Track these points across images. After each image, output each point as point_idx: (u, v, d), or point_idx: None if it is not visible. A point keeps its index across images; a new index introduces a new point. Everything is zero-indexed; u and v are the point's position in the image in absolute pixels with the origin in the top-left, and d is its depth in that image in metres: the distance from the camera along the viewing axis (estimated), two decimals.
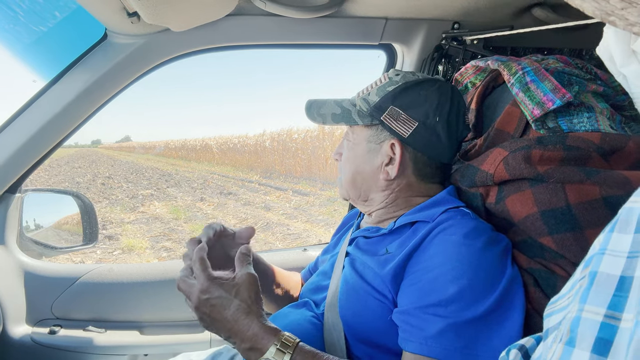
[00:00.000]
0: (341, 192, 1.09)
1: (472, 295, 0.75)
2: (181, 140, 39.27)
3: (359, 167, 1.02)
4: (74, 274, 1.39)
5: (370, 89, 1.02)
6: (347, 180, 1.04)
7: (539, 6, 1.23)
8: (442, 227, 0.84)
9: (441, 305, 0.76)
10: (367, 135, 1.00)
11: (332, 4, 1.21)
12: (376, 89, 1.00)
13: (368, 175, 1.01)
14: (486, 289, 0.77)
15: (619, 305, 0.35)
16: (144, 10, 1.03)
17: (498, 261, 0.82)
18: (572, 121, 0.93)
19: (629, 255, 0.36)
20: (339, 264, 0.99)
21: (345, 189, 1.06)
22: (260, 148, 22.19)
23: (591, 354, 0.34)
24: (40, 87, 1.25)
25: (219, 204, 10.84)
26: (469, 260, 0.78)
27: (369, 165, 1.00)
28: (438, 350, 0.73)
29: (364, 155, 1.01)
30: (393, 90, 0.98)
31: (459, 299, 0.75)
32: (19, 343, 1.29)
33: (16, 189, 1.34)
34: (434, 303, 0.76)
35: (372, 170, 1.00)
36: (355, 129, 1.03)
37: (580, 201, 0.78)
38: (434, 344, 0.73)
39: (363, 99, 1.01)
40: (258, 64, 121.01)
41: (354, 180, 1.03)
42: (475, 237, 0.82)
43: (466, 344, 0.72)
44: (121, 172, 20.62)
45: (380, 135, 0.99)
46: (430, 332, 0.74)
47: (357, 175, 1.02)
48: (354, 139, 1.03)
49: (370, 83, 1.05)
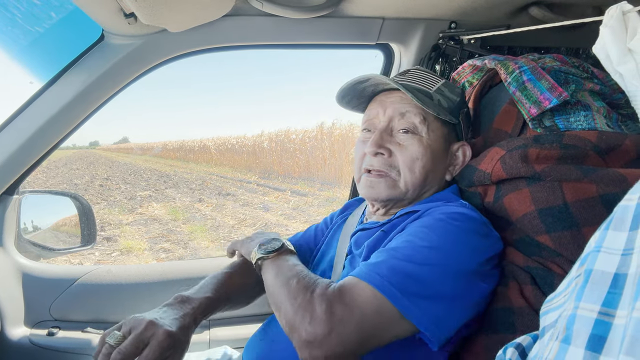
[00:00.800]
0: (391, 192, 0.96)
1: (427, 257, 0.76)
2: (179, 141, 39.18)
3: (435, 166, 0.96)
4: (72, 275, 1.39)
5: (438, 84, 1.00)
6: (418, 178, 0.94)
7: (536, 5, 1.23)
8: (433, 209, 0.86)
9: (393, 250, 0.78)
10: (445, 133, 0.98)
11: (329, 4, 1.21)
12: (444, 85, 1.01)
13: (440, 173, 0.99)
14: (449, 265, 0.77)
15: (613, 302, 0.35)
16: (141, 11, 1.03)
17: (480, 250, 0.82)
18: (569, 120, 0.93)
19: (623, 253, 0.37)
20: (338, 264, 0.99)
21: (407, 187, 0.95)
22: (258, 149, 22.16)
23: (585, 350, 0.35)
24: (37, 89, 1.24)
25: (218, 205, 10.82)
26: (442, 234, 0.79)
27: (442, 164, 0.99)
28: (365, 271, 0.75)
29: (440, 152, 0.97)
30: (462, 92, 1.02)
31: (411, 251, 0.76)
32: (18, 345, 1.29)
33: (14, 190, 1.34)
34: (390, 248, 0.79)
35: (443, 169, 1.00)
36: (431, 124, 0.95)
37: (577, 199, 0.78)
38: (364, 267, 0.76)
39: (441, 94, 0.99)
40: (255, 64, 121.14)
41: (426, 178, 0.95)
42: (462, 220, 0.82)
43: (391, 281, 0.72)
44: (119, 174, 20.57)
45: (452, 135, 1.00)
46: (371, 261, 0.77)
47: (430, 174, 0.96)
48: (429, 135, 0.95)
49: (426, 75, 1.03)
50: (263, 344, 0.90)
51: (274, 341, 0.89)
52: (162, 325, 0.79)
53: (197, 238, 7.43)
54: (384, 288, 0.71)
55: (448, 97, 0.99)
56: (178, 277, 1.41)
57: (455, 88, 1.01)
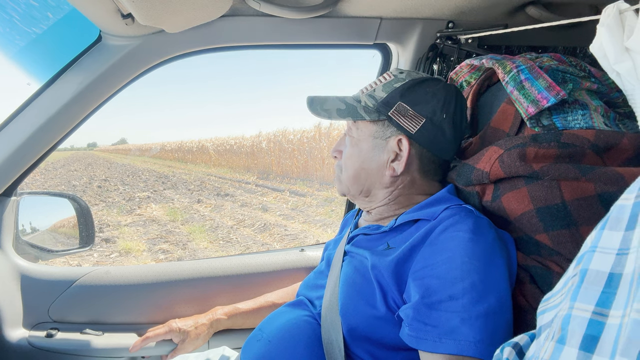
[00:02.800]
0: (340, 189, 1.09)
1: (484, 288, 0.75)
2: (177, 142, 39.18)
3: (364, 163, 1.01)
4: (71, 276, 1.39)
5: (375, 86, 1.02)
6: (350, 176, 1.03)
7: (533, 4, 1.23)
8: (448, 223, 0.84)
9: (452, 300, 0.75)
10: (373, 131, 1.00)
11: (326, 4, 1.21)
12: (382, 85, 1.01)
13: (373, 171, 1.00)
14: (496, 281, 0.77)
15: (607, 302, 0.35)
16: (138, 12, 1.02)
17: (507, 255, 0.83)
18: (566, 119, 0.93)
19: (618, 252, 0.37)
20: (336, 262, 0.99)
21: (345, 185, 1.05)
22: (256, 149, 22.16)
23: (579, 350, 0.35)
24: (34, 90, 1.24)
25: (216, 206, 10.82)
26: (478, 256, 0.78)
27: (375, 162, 1.00)
28: (453, 346, 0.72)
29: (369, 151, 1.00)
30: (401, 87, 0.99)
31: (470, 293, 0.74)
32: (16, 347, 1.28)
33: (12, 192, 1.34)
34: (445, 298, 0.76)
35: (378, 166, 1.00)
36: (360, 125, 1.02)
37: (575, 198, 0.79)
38: (448, 341, 0.73)
39: (369, 95, 1.01)
40: (252, 64, 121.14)
41: (357, 176, 1.02)
42: (483, 233, 0.82)
43: (481, 338, 0.71)
44: (117, 175, 20.55)
45: (387, 131, 0.99)
46: (444, 328, 0.73)
47: (361, 172, 1.01)
48: (358, 135, 1.02)
49: (374, 80, 1.05)
50: (260, 344, 0.90)
51: (271, 341, 0.89)
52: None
53: (196, 239, 7.43)
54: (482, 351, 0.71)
55: (375, 97, 1.00)
56: (177, 278, 1.41)
57: (393, 84, 1.00)
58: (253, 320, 1.29)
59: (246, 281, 1.44)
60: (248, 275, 1.45)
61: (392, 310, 0.83)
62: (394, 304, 0.83)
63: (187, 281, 1.41)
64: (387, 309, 0.83)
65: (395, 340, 0.81)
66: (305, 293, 1.05)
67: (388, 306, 0.83)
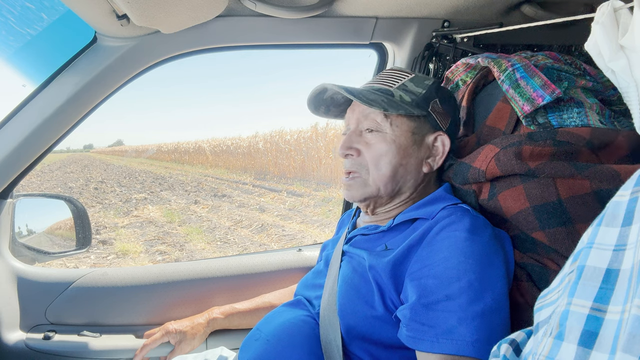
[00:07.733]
0: (362, 192, 0.99)
1: (480, 287, 0.75)
2: (174, 143, 39.09)
3: (403, 160, 0.96)
4: (68, 278, 1.38)
5: (403, 80, 1.01)
6: (385, 174, 0.96)
7: (528, 3, 1.24)
8: (444, 224, 0.84)
9: (449, 300, 0.75)
10: (412, 127, 0.97)
11: (322, 4, 1.21)
12: (410, 80, 1.01)
13: (412, 167, 0.98)
14: (493, 280, 0.78)
15: (605, 298, 0.35)
16: (134, 13, 1.02)
17: (503, 254, 0.83)
18: (561, 117, 0.94)
19: (615, 248, 0.37)
20: (334, 263, 0.99)
21: (375, 185, 0.97)
22: (253, 150, 22.15)
23: (577, 346, 0.35)
24: (30, 92, 1.24)
25: (213, 207, 10.81)
26: (474, 255, 0.79)
27: (414, 158, 0.98)
28: (450, 346, 0.72)
29: (409, 147, 0.97)
30: (433, 84, 1.01)
31: (467, 292, 0.75)
32: (13, 349, 1.28)
33: (8, 194, 1.33)
34: (442, 298, 0.76)
35: (416, 162, 0.99)
36: (395, 120, 0.96)
37: (571, 195, 0.79)
38: (446, 341, 0.73)
39: (404, 90, 0.99)
40: (248, 65, 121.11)
41: (394, 174, 0.96)
42: (479, 233, 0.82)
43: (478, 337, 0.72)
44: (114, 176, 20.49)
45: (424, 127, 0.99)
46: (441, 328, 0.74)
47: (399, 168, 0.96)
48: (394, 131, 0.96)
49: (389, 74, 1.04)
50: (258, 344, 0.90)
51: (269, 341, 0.89)
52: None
53: (193, 240, 7.42)
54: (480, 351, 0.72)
55: (411, 92, 0.99)
56: (174, 279, 1.41)
57: (423, 81, 1.01)
58: (250, 320, 1.29)
59: (244, 282, 1.44)
60: (246, 275, 1.45)
61: (390, 310, 0.83)
62: (392, 304, 0.84)
63: (185, 282, 1.40)
64: (385, 309, 0.83)
65: (393, 340, 0.82)
66: (304, 293, 1.05)
67: (386, 306, 0.84)
